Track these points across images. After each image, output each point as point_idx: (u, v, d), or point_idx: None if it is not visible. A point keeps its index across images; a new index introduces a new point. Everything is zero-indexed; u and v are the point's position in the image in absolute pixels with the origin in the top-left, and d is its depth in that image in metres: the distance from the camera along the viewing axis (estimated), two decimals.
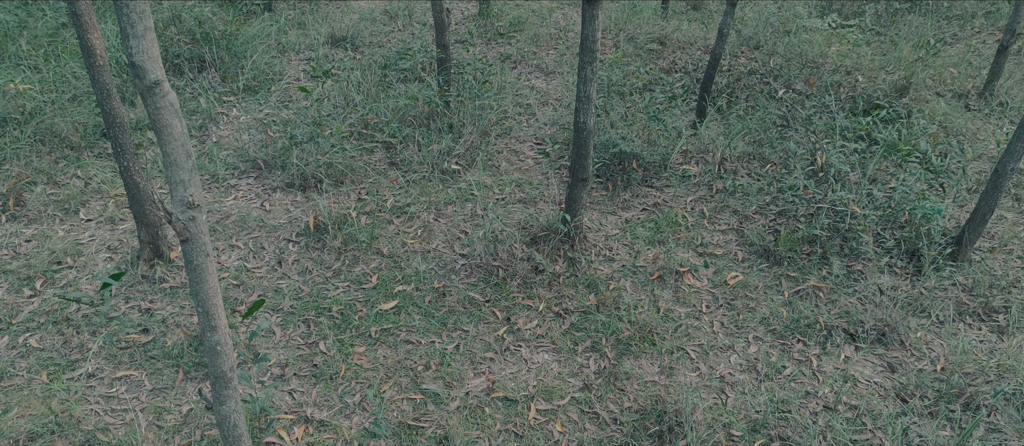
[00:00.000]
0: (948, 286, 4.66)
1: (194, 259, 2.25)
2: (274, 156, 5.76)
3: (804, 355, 4.17)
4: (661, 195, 5.57)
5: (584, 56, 4.27)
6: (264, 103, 6.65)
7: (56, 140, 5.81)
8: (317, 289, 4.58)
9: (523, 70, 7.57)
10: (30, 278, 4.55)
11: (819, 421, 3.74)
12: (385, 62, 7.16)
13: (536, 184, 5.67)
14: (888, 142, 5.80)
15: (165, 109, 2.05)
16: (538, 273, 4.71)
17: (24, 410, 3.69)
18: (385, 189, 5.55)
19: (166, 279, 4.56)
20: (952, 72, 7.23)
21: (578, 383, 3.97)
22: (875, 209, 5.07)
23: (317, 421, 3.71)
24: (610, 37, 8.16)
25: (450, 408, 3.79)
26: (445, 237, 5.08)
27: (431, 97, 6.17)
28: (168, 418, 3.70)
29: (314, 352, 4.13)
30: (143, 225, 4.47)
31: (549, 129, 6.46)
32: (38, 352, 4.05)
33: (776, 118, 6.40)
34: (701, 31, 8.18)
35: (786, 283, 4.72)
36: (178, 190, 2.14)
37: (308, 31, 8.03)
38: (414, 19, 8.65)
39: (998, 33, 8.28)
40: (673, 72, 7.38)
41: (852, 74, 6.88)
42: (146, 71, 1.98)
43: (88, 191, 5.39)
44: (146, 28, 1.95)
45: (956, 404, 3.81)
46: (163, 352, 4.06)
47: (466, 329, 4.31)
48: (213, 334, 2.40)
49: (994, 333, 4.34)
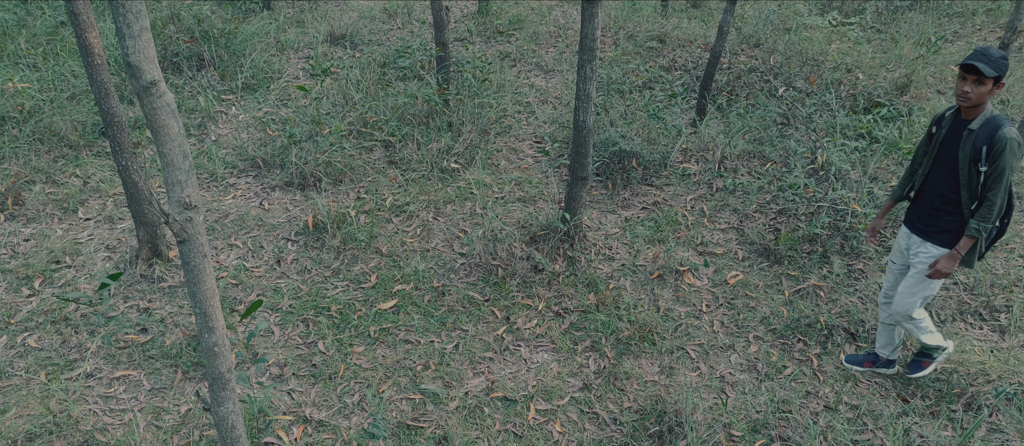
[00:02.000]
0: (949, 285, 4.65)
1: (191, 260, 2.24)
2: (273, 155, 5.75)
3: (805, 354, 4.16)
4: (661, 194, 5.56)
5: (583, 54, 4.25)
6: (263, 101, 6.63)
7: (55, 139, 5.79)
8: (316, 288, 4.56)
9: (522, 68, 7.55)
10: (29, 277, 4.54)
11: (820, 421, 3.73)
12: (384, 60, 7.14)
13: (535, 183, 5.66)
14: (889, 140, 5.78)
15: (162, 109, 2.03)
16: (537, 272, 4.70)
17: (22, 410, 3.68)
18: (384, 188, 5.53)
19: (165, 278, 4.55)
20: (953, 69, 7.21)
21: (578, 383, 3.96)
22: (876, 208, 5.05)
23: (316, 421, 3.69)
24: (610, 35, 8.14)
25: (449, 408, 3.78)
26: (444, 236, 5.07)
27: (430, 95, 6.15)
28: (166, 418, 3.68)
29: (313, 352, 4.12)
30: (141, 224, 4.45)
31: (548, 127, 6.44)
32: (36, 352, 4.04)
33: (776, 116, 6.38)
34: (701, 29, 8.16)
35: (787, 282, 4.70)
36: (175, 191, 2.13)
37: (307, 29, 8.01)
38: (413, 17, 8.63)
39: (999, 30, 8.26)
40: (673, 70, 7.36)
41: (853, 72, 6.87)
42: (142, 71, 1.97)
43: (87, 190, 5.37)
44: (142, 28, 1.93)
45: (957, 404, 3.80)
46: (161, 352, 4.05)
47: (465, 328, 4.30)
48: (211, 335, 2.39)
49: (996, 332, 4.32)
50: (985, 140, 3.21)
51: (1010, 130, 3.17)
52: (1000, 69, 3.13)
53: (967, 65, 3.15)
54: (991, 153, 3.20)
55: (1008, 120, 3.23)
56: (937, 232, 3.47)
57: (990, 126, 3.22)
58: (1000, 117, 3.24)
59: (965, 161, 3.28)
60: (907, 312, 3.62)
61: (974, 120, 3.28)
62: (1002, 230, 3.48)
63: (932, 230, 3.49)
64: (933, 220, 3.48)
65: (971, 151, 3.25)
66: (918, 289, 3.56)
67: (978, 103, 3.23)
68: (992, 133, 3.20)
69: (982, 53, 3.14)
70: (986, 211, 3.28)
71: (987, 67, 3.11)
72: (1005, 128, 3.18)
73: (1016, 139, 3.18)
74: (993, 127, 3.21)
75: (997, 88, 3.18)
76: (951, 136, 3.37)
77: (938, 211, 3.45)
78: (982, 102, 3.23)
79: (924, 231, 3.53)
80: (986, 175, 3.24)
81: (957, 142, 3.33)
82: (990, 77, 3.14)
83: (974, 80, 3.17)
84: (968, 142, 3.26)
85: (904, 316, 3.64)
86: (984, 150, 3.21)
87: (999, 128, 3.19)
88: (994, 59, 3.13)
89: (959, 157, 3.30)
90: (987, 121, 3.24)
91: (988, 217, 3.29)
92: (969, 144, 3.26)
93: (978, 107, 3.26)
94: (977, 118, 3.27)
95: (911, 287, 3.58)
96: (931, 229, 3.49)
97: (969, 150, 3.26)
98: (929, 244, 3.51)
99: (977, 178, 3.27)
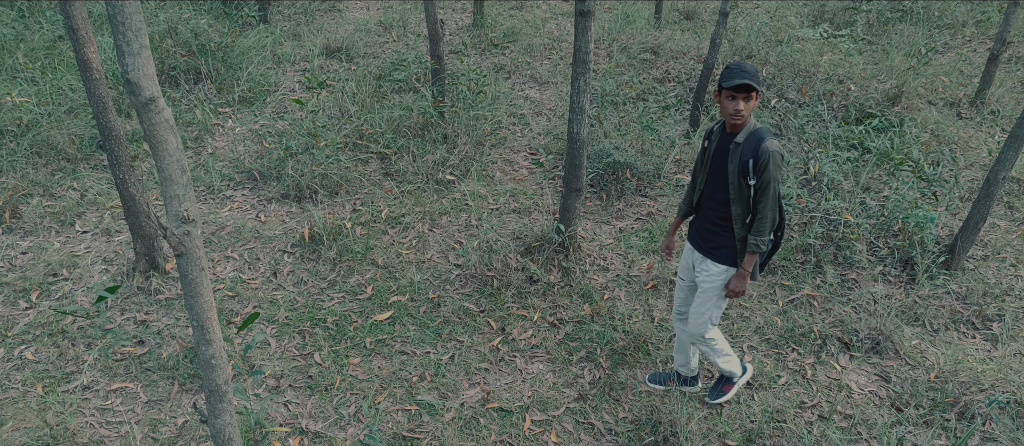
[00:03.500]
0: (942, 294, 4.69)
1: (189, 273, 2.26)
2: (269, 167, 5.78)
3: (798, 364, 4.19)
4: (655, 204, 5.60)
5: (577, 67, 4.30)
6: (259, 114, 6.67)
7: (52, 152, 5.81)
8: (312, 300, 4.58)
9: (517, 80, 7.60)
10: (26, 290, 4.55)
11: (814, 430, 3.75)
12: (380, 73, 7.19)
13: (530, 194, 5.69)
14: (881, 151, 5.84)
15: (160, 125, 2.06)
16: (533, 283, 4.72)
17: (19, 423, 3.68)
18: (380, 200, 5.56)
19: (161, 291, 4.56)
20: (944, 81, 7.28)
21: (573, 393, 3.98)
22: (868, 218, 5.10)
23: (312, 433, 3.71)
24: (603, 47, 8.20)
25: (445, 419, 3.79)
26: (440, 247, 5.09)
27: (425, 108, 6.19)
28: (163, 430, 3.69)
29: (309, 363, 4.13)
30: (139, 237, 4.47)
31: (543, 139, 6.49)
32: (33, 364, 4.05)
33: (769, 127, 6.44)
34: (694, 41, 8.23)
35: (780, 292, 4.74)
36: (173, 205, 2.15)
37: (303, 42, 8.06)
38: (408, 30, 8.69)
39: (989, 42, 8.34)
40: (666, 82, 7.42)
41: (844, 83, 6.93)
42: (142, 88, 2.00)
43: (84, 203, 5.39)
44: (142, 46, 1.96)
45: (951, 413, 3.82)
46: (158, 364, 4.06)
47: (461, 339, 4.32)
48: (207, 348, 2.41)
49: (988, 341, 4.36)
50: (751, 153, 3.19)
51: (772, 143, 3.16)
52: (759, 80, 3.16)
53: (739, 85, 3.13)
54: (757, 166, 3.18)
55: (770, 132, 3.23)
56: (716, 248, 3.44)
57: (754, 139, 3.20)
58: (763, 130, 3.23)
59: (734, 175, 3.26)
60: (701, 332, 3.58)
61: (739, 134, 3.26)
62: (776, 244, 3.47)
63: (711, 246, 3.46)
64: (711, 236, 3.45)
65: (739, 165, 3.23)
66: (707, 308, 3.53)
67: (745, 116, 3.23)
68: (756, 146, 3.18)
69: (743, 70, 3.14)
70: (759, 225, 3.26)
71: (756, 82, 3.12)
72: (767, 141, 3.17)
73: (778, 152, 3.17)
74: (757, 140, 3.19)
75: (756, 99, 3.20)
76: (720, 151, 3.34)
77: (715, 226, 3.42)
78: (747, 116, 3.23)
79: (705, 248, 3.50)
80: (755, 188, 3.23)
81: (726, 156, 3.31)
82: (757, 90, 3.16)
83: (744, 97, 3.16)
84: (735, 156, 3.24)
85: (698, 336, 3.61)
86: (751, 163, 3.19)
87: (762, 141, 3.18)
88: (754, 72, 3.14)
89: (729, 171, 3.28)
90: (751, 134, 3.22)
91: (762, 230, 3.26)
92: (736, 158, 3.23)
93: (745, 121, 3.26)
94: (742, 131, 3.26)
95: (701, 306, 3.55)
96: (710, 245, 3.46)
97: (737, 164, 3.23)
98: (709, 262, 3.47)
99: (747, 192, 3.25)
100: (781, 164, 3.21)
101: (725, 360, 3.73)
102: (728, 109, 3.21)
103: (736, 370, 3.81)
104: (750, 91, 3.15)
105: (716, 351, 3.67)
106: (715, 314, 3.55)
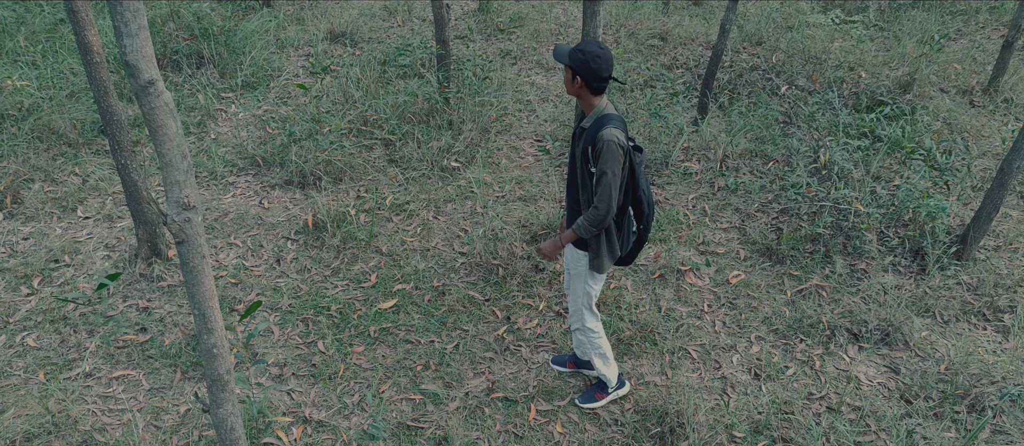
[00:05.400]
0: (953, 285, 4.63)
1: (190, 261, 2.21)
2: (273, 153, 5.72)
3: (807, 355, 4.14)
4: (662, 192, 5.53)
5: None
6: (263, 100, 6.61)
7: (54, 137, 5.77)
8: (316, 288, 4.54)
9: (523, 66, 7.52)
10: (27, 276, 4.52)
11: (822, 422, 3.70)
12: (384, 58, 7.12)
13: (536, 181, 5.63)
14: (892, 139, 5.75)
15: (160, 109, 2.01)
16: (538, 271, 4.67)
17: (21, 410, 3.66)
18: (384, 187, 5.51)
19: (164, 277, 4.52)
20: (956, 68, 7.18)
21: (579, 383, 3.94)
22: (879, 207, 5.03)
23: (315, 422, 3.68)
24: (611, 33, 8.11)
25: (449, 408, 3.76)
26: (444, 235, 5.04)
27: (431, 93, 6.13)
28: (165, 418, 3.67)
29: (313, 352, 4.10)
30: (141, 223, 4.43)
31: (549, 126, 6.42)
32: (35, 351, 4.02)
33: (779, 115, 6.36)
34: (702, 27, 8.13)
35: (789, 282, 4.68)
36: (173, 191, 2.10)
37: (307, 27, 7.98)
38: (413, 15, 8.60)
39: (1003, 28, 8.22)
40: (674, 68, 7.33)
41: (855, 70, 6.84)
42: (140, 70, 1.94)
43: (86, 188, 5.35)
44: (140, 26, 1.91)
45: (961, 405, 3.77)
46: (161, 351, 4.03)
47: (466, 328, 4.28)
48: (209, 337, 2.37)
49: (999, 333, 4.30)
50: (590, 140, 3.05)
51: (609, 132, 2.99)
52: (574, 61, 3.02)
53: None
54: (594, 153, 3.03)
55: (617, 119, 3.07)
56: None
57: (596, 126, 3.05)
58: (608, 117, 3.07)
59: (579, 160, 3.15)
60: (582, 320, 3.53)
61: (586, 118, 3.14)
62: (641, 237, 3.37)
63: None
64: (571, 221, 3.36)
65: (582, 151, 3.11)
66: (578, 293, 3.47)
67: (579, 98, 3.12)
68: (595, 133, 3.04)
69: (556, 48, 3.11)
70: (592, 212, 3.11)
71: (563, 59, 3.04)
72: (606, 128, 3.00)
73: (614, 141, 2.98)
74: (598, 127, 3.05)
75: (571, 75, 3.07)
76: (576, 135, 3.24)
77: (572, 212, 3.34)
78: (581, 98, 3.11)
79: None
80: (594, 176, 3.08)
81: (577, 141, 3.21)
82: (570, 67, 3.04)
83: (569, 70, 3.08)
84: (580, 141, 3.14)
85: (581, 323, 3.55)
86: (590, 150, 3.06)
87: (602, 128, 3.02)
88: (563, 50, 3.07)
89: (576, 156, 3.18)
90: (596, 121, 3.08)
91: (594, 218, 3.11)
92: (581, 143, 3.12)
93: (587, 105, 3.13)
94: (589, 116, 3.13)
95: (573, 292, 3.50)
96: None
97: (581, 149, 3.12)
98: (570, 247, 3.39)
99: (589, 179, 3.13)
100: (618, 154, 3.01)
101: (601, 360, 3.66)
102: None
103: (612, 378, 3.73)
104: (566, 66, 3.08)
105: (594, 346, 3.61)
106: (586, 300, 3.48)
